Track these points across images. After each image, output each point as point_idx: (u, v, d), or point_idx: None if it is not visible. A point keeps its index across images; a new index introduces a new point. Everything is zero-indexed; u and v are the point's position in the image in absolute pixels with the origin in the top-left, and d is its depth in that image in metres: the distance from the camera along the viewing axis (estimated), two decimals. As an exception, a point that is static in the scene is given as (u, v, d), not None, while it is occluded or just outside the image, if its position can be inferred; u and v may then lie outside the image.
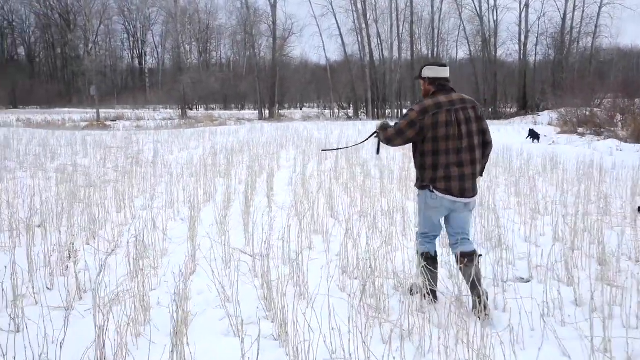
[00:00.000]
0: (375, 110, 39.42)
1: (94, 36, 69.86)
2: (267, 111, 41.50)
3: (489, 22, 40.12)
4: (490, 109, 39.06)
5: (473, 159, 3.63)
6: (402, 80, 40.29)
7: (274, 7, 40.52)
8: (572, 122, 21.82)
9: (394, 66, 40.34)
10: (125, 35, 76.73)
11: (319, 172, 9.77)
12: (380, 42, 40.94)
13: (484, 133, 3.74)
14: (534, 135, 17.54)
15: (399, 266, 4.39)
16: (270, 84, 41.59)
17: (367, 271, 4.06)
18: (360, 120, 33.85)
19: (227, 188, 7.73)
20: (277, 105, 42.34)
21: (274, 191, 8.06)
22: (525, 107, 38.01)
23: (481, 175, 3.90)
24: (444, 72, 3.75)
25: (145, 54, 76.48)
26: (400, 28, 41.02)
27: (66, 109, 49.18)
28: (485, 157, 3.82)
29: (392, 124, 3.89)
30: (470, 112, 3.64)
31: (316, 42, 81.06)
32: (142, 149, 14.33)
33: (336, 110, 43.80)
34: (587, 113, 21.89)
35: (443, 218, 3.82)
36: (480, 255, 3.79)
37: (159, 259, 4.80)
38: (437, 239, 3.95)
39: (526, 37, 38.81)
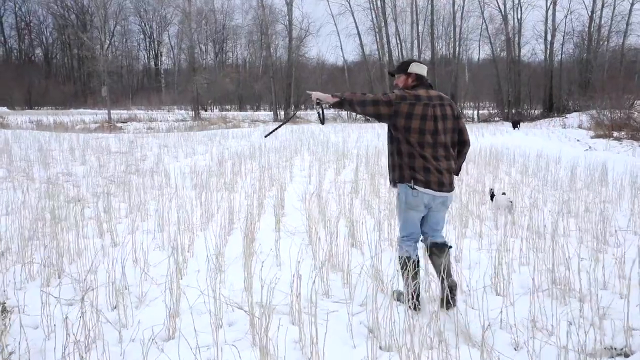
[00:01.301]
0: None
1: (110, 37, 69.72)
2: (282, 112, 40.44)
3: (513, 20, 38.67)
4: (513, 111, 37.61)
5: (447, 155, 3.69)
6: (422, 80, 38.98)
7: (289, 5, 39.49)
8: (606, 125, 20.42)
9: (414, 66, 39.03)
10: (141, 36, 76.51)
11: (337, 184, 8.67)
12: (400, 41, 39.73)
13: (461, 132, 3.81)
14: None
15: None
16: (285, 85, 40.52)
17: (403, 336, 2.96)
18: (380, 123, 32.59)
19: (230, 203, 6.66)
20: (293, 107, 41.24)
21: (284, 210, 6.96)
22: (551, 109, 36.46)
23: (457, 175, 3.90)
24: (421, 70, 3.86)
25: (160, 55, 76.09)
26: (420, 27, 39.79)
27: (80, 110, 48.70)
28: (461, 155, 3.88)
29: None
30: (447, 109, 3.71)
31: (333, 42, 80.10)
32: (146, 154, 13.34)
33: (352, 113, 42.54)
34: (623, 116, 20.45)
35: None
36: (450, 247, 3.86)
37: (131, 311, 3.73)
38: (418, 242, 3.91)
39: (553, 36, 37.30)
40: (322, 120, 4.12)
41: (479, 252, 5.17)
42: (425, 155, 3.59)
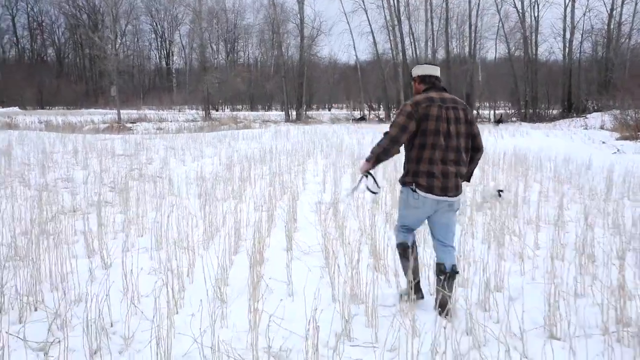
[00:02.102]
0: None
1: (121, 36, 69.54)
2: (294, 112, 39.79)
3: (530, 18, 37.68)
4: (530, 111, 36.65)
5: (458, 159, 3.60)
6: (437, 80, 38.11)
7: (301, 3, 38.80)
8: (631, 126, 19.54)
9: (428, 65, 38.15)
10: (153, 36, 76.27)
11: (355, 194, 8.00)
12: (414, 39, 38.87)
13: (474, 137, 3.71)
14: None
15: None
16: (297, 84, 39.83)
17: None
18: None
19: (237, 216, 6.02)
20: (305, 107, 40.56)
21: (296, 223, 6.29)
22: (570, 108, 35.45)
23: (468, 181, 3.87)
24: (434, 71, 3.77)
25: (172, 54, 75.84)
26: (435, 25, 38.91)
27: (91, 110, 48.42)
28: (473, 161, 3.79)
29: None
30: (460, 113, 3.63)
31: (346, 40, 79.13)
32: (152, 157, 12.74)
33: (367, 112, 41.84)
34: (650, 116, 19.55)
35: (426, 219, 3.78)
36: (458, 272, 3.76)
37: (116, 358, 3.09)
38: (415, 231, 3.87)
39: (572, 34, 36.22)
40: (377, 185, 4.02)
41: (521, 278, 4.48)
42: (434, 159, 3.55)
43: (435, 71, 3.81)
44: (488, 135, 21.14)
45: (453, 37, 41.80)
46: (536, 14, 37.81)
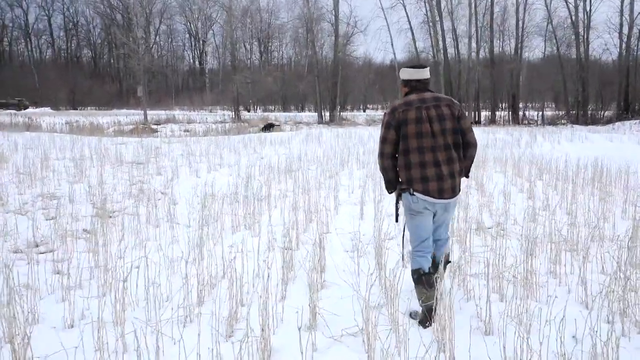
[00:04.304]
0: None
1: (155, 36, 69.14)
2: (327, 113, 38.00)
3: (583, 13, 35.01)
4: (581, 112, 34.06)
5: (450, 157, 3.55)
6: (480, 79, 35.80)
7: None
8: None
9: (472, 64, 35.89)
10: (187, 36, 75.69)
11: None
12: (456, 36, 36.64)
13: (464, 133, 3.64)
14: None
15: None
16: (330, 84, 37.98)
17: None
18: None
19: (242, 266, 4.31)
20: (339, 108, 38.70)
21: (325, 274, 4.51)
22: (627, 109, 32.71)
23: (467, 177, 3.81)
24: (417, 74, 3.70)
25: (205, 54, 75.11)
26: (479, 21, 36.57)
27: (123, 111, 47.69)
28: (467, 158, 3.70)
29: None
30: (444, 110, 3.57)
31: (382, 38, 76.68)
32: (163, 166, 11.16)
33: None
34: None
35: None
36: (450, 262, 3.96)
37: None
38: (430, 254, 3.69)
39: (630, 29, 33.39)
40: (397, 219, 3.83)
41: None
42: (424, 162, 3.51)
43: (418, 74, 3.70)
44: (542, 140, 19.00)
45: (501, 33, 39.40)
46: (589, 9, 35.14)
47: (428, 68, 3.78)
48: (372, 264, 4.69)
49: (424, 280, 3.56)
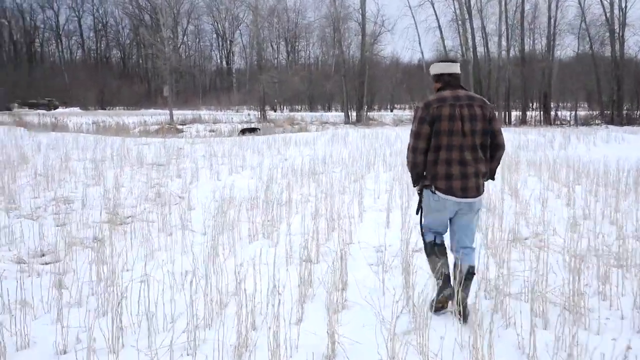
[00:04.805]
0: (479, 113, 34.05)
1: (183, 36, 69.52)
2: (354, 113, 37.49)
3: (618, 10, 33.81)
4: (615, 112, 32.90)
5: (476, 157, 3.50)
6: (511, 78, 34.83)
7: (363, -3, 36.40)
8: None
9: (502, 62, 34.96)
10: (214, 36, 75.95)
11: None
12: (485, 35, 35.79)
13: (494, 135, 3.58)
14: None
15: None
16: (357, 84, 37.44)
17: None
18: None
19: (260, 275, 3.92)
20: (366, 107, 38.13)
21: (346, 293, 4.09)
22: (665, 109, 31.49)
23: (493, 179, 3.75)
24: (448, 68, 3.65)
25: (233, 54, 75.29)
26: (509, 18, 35.63)
27: (150, 111, 47.95)
28: (495, 160, 3.65)
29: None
30: (476, 110, 3.50)
31: (410, 36, 75.68)
32: (184, 167, 10.88)
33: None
34: None
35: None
36: (474, 274, 3.67)
37: None
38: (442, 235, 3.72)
39: (669, 25, 32.15)
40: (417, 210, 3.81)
41: None
42: (450, 160, 3.46)
43: (450, 68, 3.65)
44: (577, 141, 18.23)
45: (532, 31, 38.38)
46: (624, 5, 33.92)
47: (458, 63, 3.73)
48: (399, 281, 4.26)
49: (437, 250, 3.59)
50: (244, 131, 23.87)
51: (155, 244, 5.29)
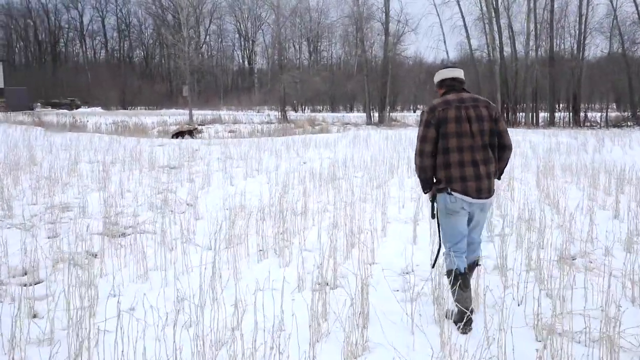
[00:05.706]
0: (506, 113, 33.05)
1: (205, 36, 69.44)
2: (376, 114, 36.71)
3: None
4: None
5: (486, 157, 3.52)
6: (539, 79, 33.67)
7: (386, -4, 35.59)
8: None
9: (530, 62, 33.84)
10: (236, 36, 75.74)
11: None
12: (512, 34, 34.70)
13: (500, 135, 3.62)
14: None
15: None
16: (380, 84, 36.64)
17: None
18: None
19: (264, 309, 3.29)
20: (388, 108, 37.31)
21: (368, 331, 3.42)
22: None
23: (499, 179, 3.77)
24: (451, 73, 3.70)
25: (255, 54, 74.99)
26: (538, 17, 34.49)
27: (172, 110, 47.78)
28: (502, 160, 3.69)
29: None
30: (482, 111, 3.53)
31: (434, 35, 74.39)
32: (197, 171, 10.32)
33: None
34: None
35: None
36: (479, 265, 3.87)
37: None
38: (464, 255, 3.60)
39: None
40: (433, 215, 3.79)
41: None
42: (463, 162, 3.46)
43: (452, 73, 3.69)
44: (611, 144, 17.26)
45: (561, 30, 37.18)
46: (657, 3, 32.55)
47: (461, 69, 3.77)
48: (429, 314, 3.59)
49: (460, 281, 3.50)
50: (175, 135, 20.54)
51: (151, 262, 4.69)
